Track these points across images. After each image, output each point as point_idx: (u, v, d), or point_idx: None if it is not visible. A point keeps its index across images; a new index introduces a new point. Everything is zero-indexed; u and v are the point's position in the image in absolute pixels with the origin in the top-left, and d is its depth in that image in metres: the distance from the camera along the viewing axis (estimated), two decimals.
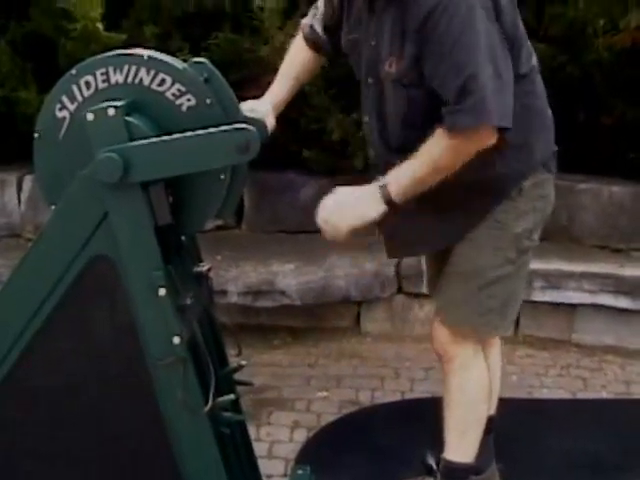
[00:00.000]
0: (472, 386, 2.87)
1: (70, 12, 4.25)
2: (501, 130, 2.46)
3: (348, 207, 2.54)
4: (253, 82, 3.91)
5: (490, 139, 2.46)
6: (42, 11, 4.56)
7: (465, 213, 2.71)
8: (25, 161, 2.93)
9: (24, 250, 4.10)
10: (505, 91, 2.44)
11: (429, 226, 2.76)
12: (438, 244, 2.83)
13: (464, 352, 2.83)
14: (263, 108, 2.70)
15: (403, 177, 2.50)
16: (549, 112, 2.79)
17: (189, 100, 2.36)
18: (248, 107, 2.59)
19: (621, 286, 4.47)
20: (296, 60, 2.94)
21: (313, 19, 2.92)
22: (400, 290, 4.56)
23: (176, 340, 2.32)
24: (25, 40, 4.79)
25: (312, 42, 2.93)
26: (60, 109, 2.43)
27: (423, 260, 3.47)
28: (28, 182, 4.86)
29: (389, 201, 2.50)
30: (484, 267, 2.72)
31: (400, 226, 2.76)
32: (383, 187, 2.50)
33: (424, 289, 3.97)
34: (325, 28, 2.88)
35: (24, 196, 4.92)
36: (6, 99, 4.69)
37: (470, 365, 2.86)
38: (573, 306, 4.57)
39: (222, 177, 2.36)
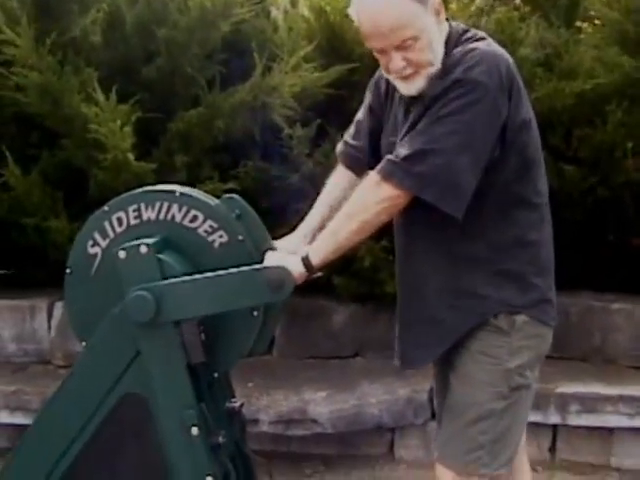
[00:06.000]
0: None
1: (102, 143, 4.29)
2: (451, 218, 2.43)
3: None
4: (283, 210, 3.94)
5: (399, 205, 2.45)
6: (74, 142, 4.61)
7: (455, 314, 2.64)
8: (55, 288, 2.91)
9: (53, 377, 4.07)
10: (458, 189, 2.41)
11: (423, 329, 2.70)
12: (433, 349, 2.73)
13: None
14: (293, 246, 2.65)
15: (322, 242, 2.48)
16: (551, 257, 2.72)
17: (221, 237, 2.36)
18: (280, 246, 2.59)
19: None
20: (330, 186, 2.92)
21: (347, 137, 2.93)
22: (434, 416, 4.46)
23: None
24: (56, 170, 4.83)
25: (346, 155, 2.90)
26: (92, 245, 2.43)
27: None
28: (59, 309, 4.85)
29: (310, 267, 2.44)
30: (474, 401, 2.62)
31: (401, 333, 2.76)
32: (305, 258, 2.43)
33: None
34: (365, 136, 2.85)
35: (54, 323, 4.90)
36: (37, 228, 4.71)
37: None
38: (610, 430, 4.46)
39: (255, 314, 2.35)
